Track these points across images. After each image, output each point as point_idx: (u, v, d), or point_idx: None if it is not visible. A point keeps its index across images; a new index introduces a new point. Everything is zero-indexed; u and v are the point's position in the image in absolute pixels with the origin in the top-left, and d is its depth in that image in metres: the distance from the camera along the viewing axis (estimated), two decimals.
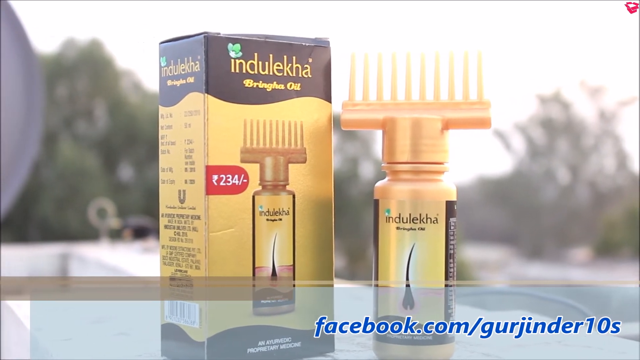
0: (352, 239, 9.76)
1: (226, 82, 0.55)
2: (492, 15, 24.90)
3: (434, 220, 0.57)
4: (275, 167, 0.57)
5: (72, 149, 9.36)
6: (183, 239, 0.56)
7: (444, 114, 0.58)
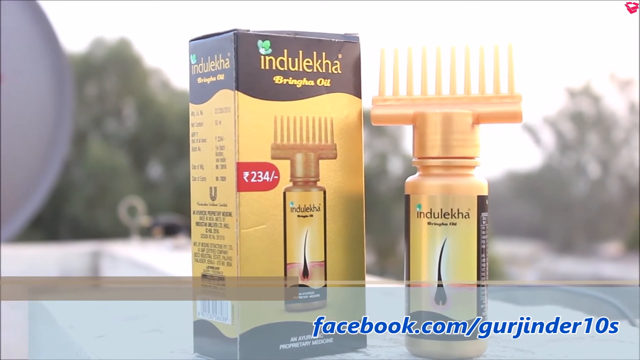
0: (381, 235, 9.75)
1: (256, 79, 0.55)
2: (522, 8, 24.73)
3: (466, 215, 0.56)
4: (306, 163, 0.57)
5: (102, 148, 9.42)
6: (215, 236, 0.57)
7: (475, 109, 0.58)
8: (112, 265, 1.69)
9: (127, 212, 1.87)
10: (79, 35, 18.43)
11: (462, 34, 20.67)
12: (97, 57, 10.22)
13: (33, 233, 6.92)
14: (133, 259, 1.53)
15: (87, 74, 9.88)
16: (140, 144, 10.09)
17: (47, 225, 8.27)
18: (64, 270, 1.76)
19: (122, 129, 10.47)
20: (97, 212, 8.81)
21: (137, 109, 10.40)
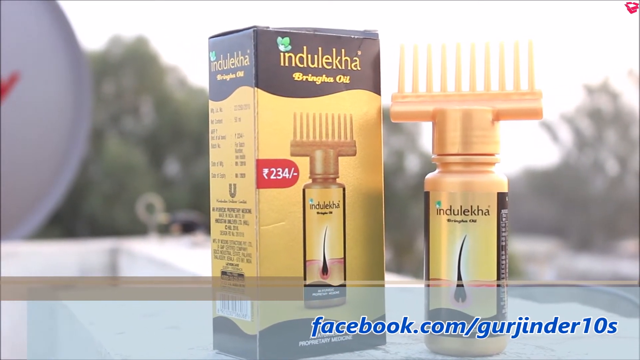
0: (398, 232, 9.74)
1: (276, 76, 0.55)
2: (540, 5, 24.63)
3: (486, 212, 0.56)
4: (325, 160, 0.57)
5: (119, 146, 9.45)
6: (234, 233, 0.57)
7: (495, 105, 0.57)
8: (130, 262, 1.70)
9: (145, 209, 1.87)
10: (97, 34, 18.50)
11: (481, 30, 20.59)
12: (115, 55, 10.25)
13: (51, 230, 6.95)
14: (151, 256, 1.54)
15: (105, 72, 9.92)
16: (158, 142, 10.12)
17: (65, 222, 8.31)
18: (83, 267, 1.77)
19: (140, 127, 10.50)
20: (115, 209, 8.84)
21: (155, 106, 10.43)
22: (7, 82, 2.26)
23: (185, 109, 10.09)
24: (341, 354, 0.58)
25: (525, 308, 0.77)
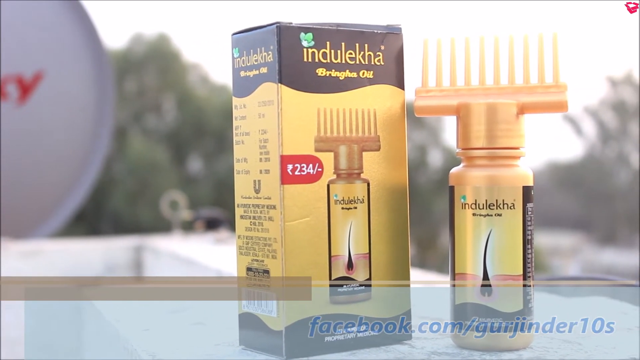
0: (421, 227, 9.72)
1: (299, 72, 0.55)
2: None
3: (511, 206, 0.56)
4: (349, 156, 0.57)
5: (142, 143, 9.48)
6: (259, 229, 0.57)
7: (519, 98, 0.57)
8: (154, 259, 1.70)
9: (169, 206, 1.88)
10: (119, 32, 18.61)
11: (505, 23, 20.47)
12: (137, 53, 10.28)
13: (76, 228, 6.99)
14: (175, 252, 1.54)
15: (127, 70, 9.95)
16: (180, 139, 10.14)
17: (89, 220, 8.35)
18: (108, 264, 1.78)
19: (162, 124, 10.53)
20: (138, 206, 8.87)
21: (177, 103, 10.46)
22: (31, 81, 2.27)
23: (207, 106, 10.11)
24: (367, 349, 0.58)
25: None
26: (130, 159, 9.24)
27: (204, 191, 9.19)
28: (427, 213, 9.82)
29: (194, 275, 1.35)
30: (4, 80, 2.25)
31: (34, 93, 2.29)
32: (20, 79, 2.27)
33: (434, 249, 10.06)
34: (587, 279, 1.01)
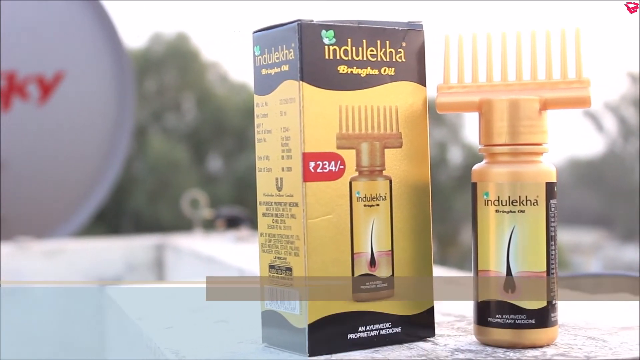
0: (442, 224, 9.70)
1: (320, 69, 0.55)
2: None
3: (534, 203, 0.56)
4: (371, 153, 0.57)
5: (162, 142, 9.51)
6: (281, 227, 0.57)
7: (542, 94, 0.57)
8: (176, 258, 1.71)
9: (190, 204, 1.89)
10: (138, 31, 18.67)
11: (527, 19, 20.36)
12: (156, 53, 10.31)
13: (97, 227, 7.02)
14: (197, 251, 1.54)
15: (147, 69, 9.98)
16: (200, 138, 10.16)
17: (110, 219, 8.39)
18: (129, 263, 1.78)
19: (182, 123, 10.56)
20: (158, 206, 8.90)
21: (196, 102, 10.48)
22: (52, 81, 2.29)
23: (226, 105, 10.13)
24: (390, 347, 0.58)
25: (574, 299, 0.76)
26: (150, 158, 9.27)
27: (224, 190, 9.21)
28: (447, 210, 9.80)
29: (215, 273, 1.36)
30: (25, 81, 2.26)
31: (54, 93, 2.30)
32: (41, 79, 2.29)
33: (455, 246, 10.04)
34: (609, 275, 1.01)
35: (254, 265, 1.19)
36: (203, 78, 10.57)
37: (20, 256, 1.72)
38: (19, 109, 2.26)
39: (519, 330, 0.56)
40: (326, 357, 0.55)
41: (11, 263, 1.71)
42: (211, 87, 10.60)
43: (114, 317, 0.85)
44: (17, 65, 2.24)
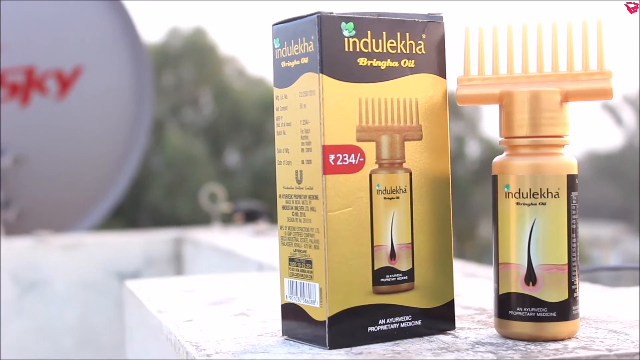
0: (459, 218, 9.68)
1: (340, 61, 0.55)
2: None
3: (555, 195, 0.55)
4: (391, 145, 0.57)
5: (180, 137, 9.53)
6: (301, 219, 0.57)
7: (563, 86, 0.57)
8: (194, 252, 1.71)
9: (208, 198, 1.89)
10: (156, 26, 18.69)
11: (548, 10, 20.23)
12: (174, 47, 10.33)
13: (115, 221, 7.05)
14: (215, 244, 1.55)
15: (164, 64, 10.00)
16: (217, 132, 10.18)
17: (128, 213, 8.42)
18: (148, 256, 1.79)
19: (199, 118, 10.58)
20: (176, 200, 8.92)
21: (214, 97, 10.50)
22: (70, 76, 2.29)
23: (244, 99, 10.14)
24: (410, 339, 0.57)
25: (594, 292, 0.76)
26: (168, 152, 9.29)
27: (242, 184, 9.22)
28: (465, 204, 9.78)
29: (234, 266, 1.36)
30: (44, 76, 2.27)
31: (73, 88, 2.31)
32: (60, 74, 2.29)
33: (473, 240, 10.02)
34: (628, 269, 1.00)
35: (273, 259, 1.19)
36: (220, 72, 10.58)
37: (40, 250, 1.73)
38: (37, 104, 2.27)
39: (540, 323, 0.55)
40: (346, 350, 0.55)
41: (31, 257, 1.72)
42: (228, 82, 10.61)
43: (134, 311, 0.85)
44: (35, 61, 2.25)
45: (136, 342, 0.85)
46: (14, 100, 2.25)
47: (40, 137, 2.31)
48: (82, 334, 1.73)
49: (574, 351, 0.53)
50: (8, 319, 1.68)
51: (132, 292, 0.85)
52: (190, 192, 7.70)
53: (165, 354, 0.67)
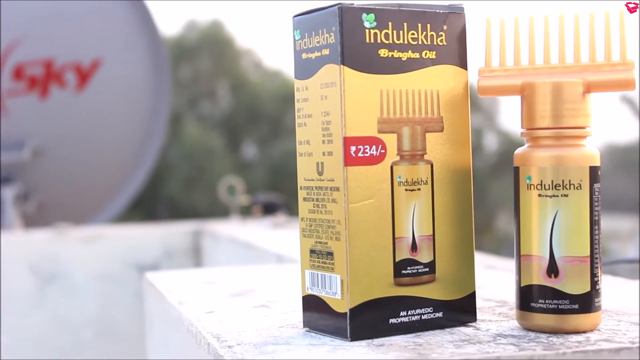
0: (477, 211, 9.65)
1: (361, 53, 0.55)
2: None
3: (578, 187, 0.55)
4: (412, 137, 0.57)
5: (197, 130, 9.55)
6: (322, 211, 0.57)
7: (585, 77, 0.56)
8: (213, 244, 1.72)
9: (227, 191, 1.89)
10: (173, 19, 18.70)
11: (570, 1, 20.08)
12: (191, 40, 10.34)
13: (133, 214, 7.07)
14: (234, 237, 1.55)
15: (181, 57, 10.01)
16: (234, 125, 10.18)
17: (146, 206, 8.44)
18: (167, 248, 1.79)
19: (216, 110, 10.59)
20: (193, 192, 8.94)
21: (231, 89, 10.50)
22: (89, 68, 2.30)
23: (261, 92, 10.14)
24: (432, 332, 0.57)
25: (614, 285, 0.75)
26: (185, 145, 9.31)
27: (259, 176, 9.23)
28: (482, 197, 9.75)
29: (253, 259, 1.36)
30: (63, 69, 2.28)
31: (91, 81, 2.31)
32: (79, 67, 2.30)
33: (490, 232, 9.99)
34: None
35: (292, 251, 1.20)
36: (237, 65, 10.58)
37: (59, 242, 1.74)
38: (56, 97, 2.28)
39: (562, 316, 0.55)
40: (367, 342, 0.55)
41: (51, 249, 1.73)
42: (245, 74, 10.61)
43: (154, 302, 0.85)
44: (54, 53, 2.26)
45: (156, 333, 0.86)
46: (33, 93, 2.26)
47: (59, 129, 2.32)
48: (101, 325, 1.74)
49: (597, 343, 0.53)
50: (28, 310, 1.69)
51: (153, 284, 0.85)
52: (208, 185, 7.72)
53: (186, 345, 0.67)
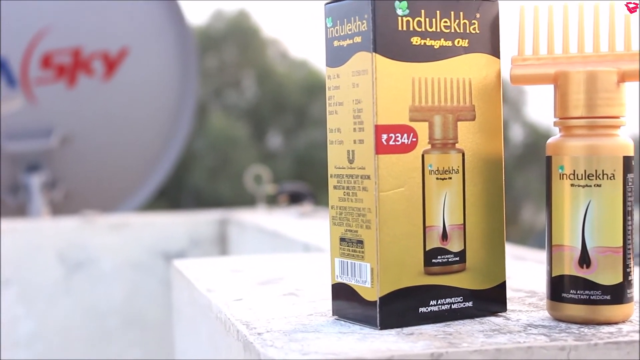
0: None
1: (394, 41, 0.55)
2: None
3: (611, 177, 0.55)
4: (444, 125, 0.56)
5: (222, 119, 9.57)
6: (353, 199, 0.56)
7: (620, 66, 0.56)
8: (239, 233, 1.72)
9: (253, 180, 1.89)
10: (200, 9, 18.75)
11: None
12: (217, 30, 10.36)
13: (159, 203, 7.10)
14: (260, 225, 1.55)
15: (208, 47, 10.04)
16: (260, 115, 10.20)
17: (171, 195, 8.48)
18: (193, 237, 1.80)
19: (242, 100, 10.61)
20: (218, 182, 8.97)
21: (257, 79, 10.52)
22: (116, 57, 2.31)
23: (286, 82, 10.15)
24: (461, 321, 0.57)
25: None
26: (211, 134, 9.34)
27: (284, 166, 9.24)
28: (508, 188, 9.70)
29: (280, 247, 1.36)
30: (90, 57, 2.29)
31: (119, 69, 2.32)
32: (106, 55, 2.31)
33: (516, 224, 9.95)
34: None
35: (319, 240, 1.20)
36: (263, 55, 10.60)
37: (86, 230, 1.75)
38: (84, 85, 2.28)
39: (593, 307, 0.55)
40: (397, 330, 0.55)
41: (78, 236, 1.74)
42: (271, 64, 10.62)
43: (182, 290, 0.85)
44: (82, 42, 2.27)
45: (184, 321, 0.86)
46: (61, 82, 2.27)
47: (86, 118, 2.33)
48: (127, 313, 1.75)
49: (629, 335, 0.52)
50: (55, 298, 1.70)
51: (180, 272, 0.85)
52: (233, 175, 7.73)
53: (214, 333, 0.67)
